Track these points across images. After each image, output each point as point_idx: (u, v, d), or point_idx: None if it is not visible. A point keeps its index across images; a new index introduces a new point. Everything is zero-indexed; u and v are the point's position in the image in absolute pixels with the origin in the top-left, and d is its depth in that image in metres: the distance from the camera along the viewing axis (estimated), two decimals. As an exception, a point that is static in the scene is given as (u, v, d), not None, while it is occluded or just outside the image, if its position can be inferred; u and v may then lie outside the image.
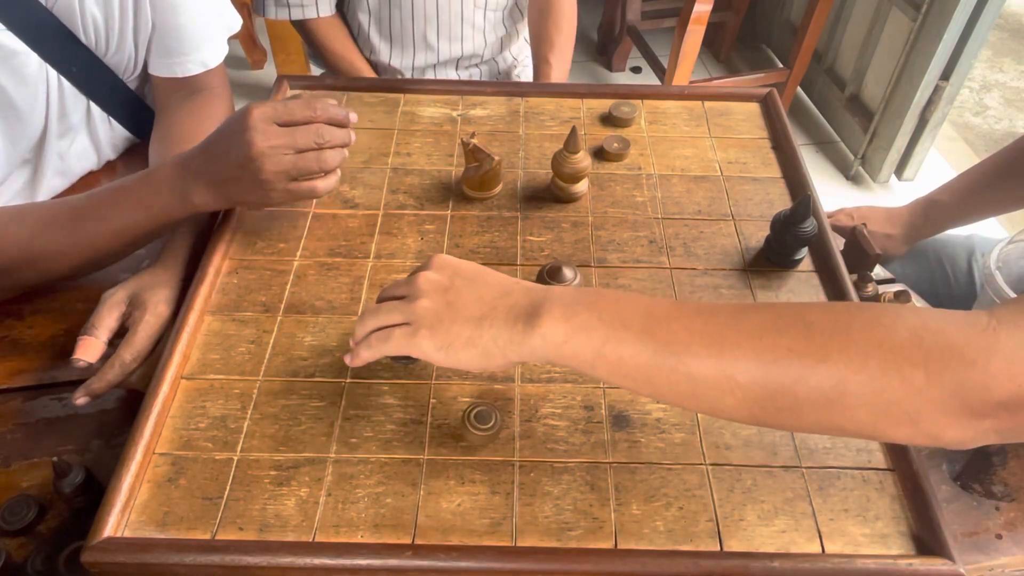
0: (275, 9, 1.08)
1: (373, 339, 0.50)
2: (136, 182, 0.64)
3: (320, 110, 0.62)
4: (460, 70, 1.20)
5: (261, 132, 0.60)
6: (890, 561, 0.49)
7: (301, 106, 0.62)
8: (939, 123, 1.94)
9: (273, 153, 0.60)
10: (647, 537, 0.51)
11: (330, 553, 0.49)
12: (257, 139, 0.60)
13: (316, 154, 0.62)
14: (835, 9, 2.08)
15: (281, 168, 0.61)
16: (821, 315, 0.42)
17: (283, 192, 0.62)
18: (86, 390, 0.60)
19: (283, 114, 0.61)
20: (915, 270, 0.96)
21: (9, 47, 0.70)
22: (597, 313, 0.45)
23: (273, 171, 0.60)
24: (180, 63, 0.83)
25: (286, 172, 0.61)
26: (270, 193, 0.62)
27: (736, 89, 0.90)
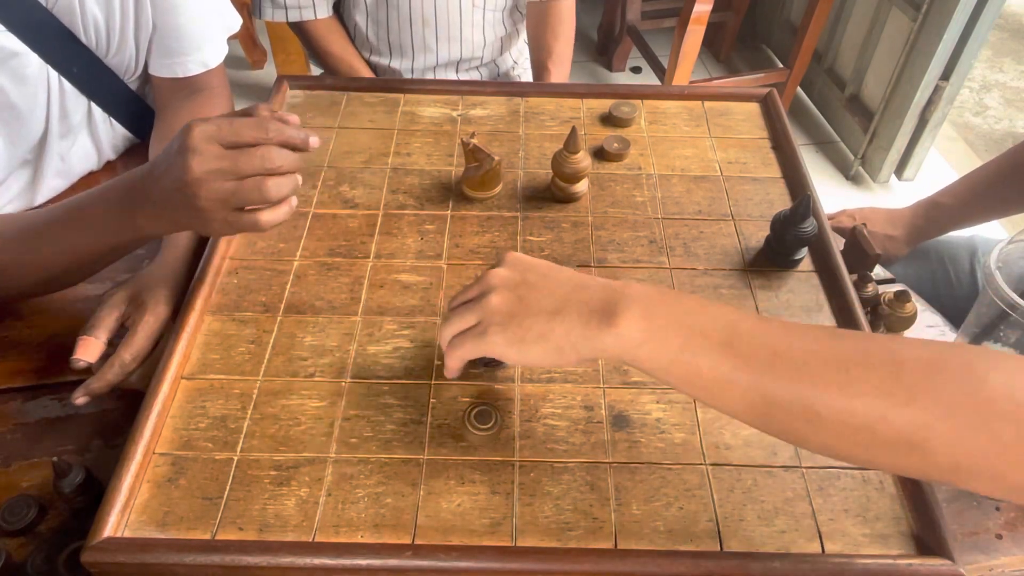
0: (272, 10, 1.07)
1: (451, 347, 0.49)
2: (88, 201, 0.60)
3: (273, 131, 0.55)
4: (460, 72, 1.20)
5: (200, 154, 0.53)
6: (890, 561, 0.49)
7: (250, 125, 0.55)
8: (939, 123, 1.94)
9: (210, 179, 0.53)
10: (647, 537, 0.51)
11: (330, 553, 0.49)
12: (194, 162, 0.53)
13: (260, 181, 0.54)
14: (835, 9, 2.08)
15: (219, 196, 0.54)
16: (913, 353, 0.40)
17: (222, 222, 0.56)
18: (85, 390, 0.60)
19: (228, 134, 0.54)
20: (916, 270, 0.96)
21: (9, 48, 0.70)
22: (677, 318, 0.43)
23: (210, 199, 0.54)
24: (180, 63, 0.83)
25: (224, 201, 0.54)
26: (209, 223, 0.55)
27: (736, 89, 0.90)
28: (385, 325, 0.63)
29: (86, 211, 0.60)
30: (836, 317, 0.65)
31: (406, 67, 1.15)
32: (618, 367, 0.60)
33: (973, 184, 0.94)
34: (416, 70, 1.16)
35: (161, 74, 0.83)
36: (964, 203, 0.93)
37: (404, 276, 0.67)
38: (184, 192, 0.54)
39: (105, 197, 0.59)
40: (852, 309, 0.63)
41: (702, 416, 0.58)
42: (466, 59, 1.17)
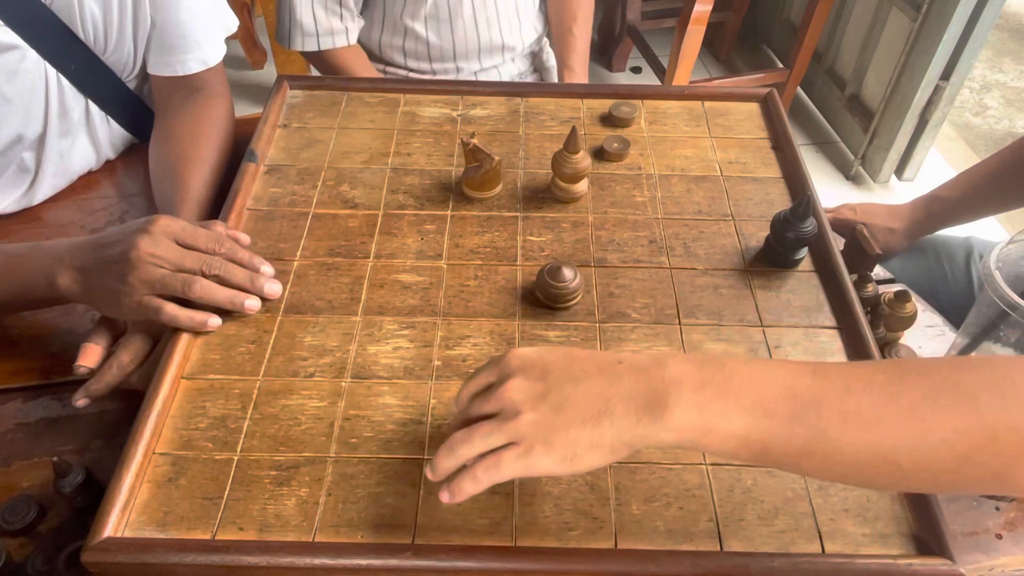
0: (302, 40, 1.05)
1: (479, 469, 0.43)
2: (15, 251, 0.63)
3: (226, 247, 0.61)
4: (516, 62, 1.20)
5: (152, 238, 0.58)
6: (890, 561, 0.49)
7: (209, 236, 0.61)
8: (939, 123, 1.94)
9: (150, 260, 0.58)
10: (647, 537, 0.51)
11: (330, 553, 0.49)
12: (144, 242, 0.58)
13: (188, 277, 0.59)
14: (835, 9, 2.08)
15: (148, 277, 0.58)
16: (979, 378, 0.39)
17: (135, 304, 0.58)
18: (85, 392, 0.60)
19: (187, 235, 0.60)
20: (914, 269, 0.97)
21: (4, 42, 0.69)
22: (734, 399, 0.41)
23: (139, 278, 0.58)
24: (180, 61, 0.83)
25: (150, 283, 0.58)
26: (121, 297, 0.58)
27: (736, 89, 0.90)
28: (385, 325, 0.63)
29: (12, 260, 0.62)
30: (836, 317, 0.65)
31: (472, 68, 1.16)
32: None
33: (974, 178, 0.94)
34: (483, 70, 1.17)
35: (160, 73, 0.83)
36: (965, 197, 0.93)
37: (404, 276, 0.67)
38: (121, 264, 0.58)
39: (35, 251, 0.62)
40: (852, 309, 0.63)
41: (702, 416, 0.58)
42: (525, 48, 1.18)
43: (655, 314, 0.65)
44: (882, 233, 0.96)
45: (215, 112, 0.84)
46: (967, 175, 0.95)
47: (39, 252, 0.62)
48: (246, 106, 2.18)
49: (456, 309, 0.65)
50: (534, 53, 1.25)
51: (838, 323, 0.64)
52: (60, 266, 0.60)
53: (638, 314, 0.65)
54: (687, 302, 0.66)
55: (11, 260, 0.63)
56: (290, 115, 0.83)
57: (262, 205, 0.73)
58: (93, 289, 0.60)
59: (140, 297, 0.58)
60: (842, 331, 0.64)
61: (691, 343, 0.63)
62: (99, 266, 0.59)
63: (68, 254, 0.61)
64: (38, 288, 0.61)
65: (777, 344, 0.63)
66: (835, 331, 0.64)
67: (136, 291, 0.58)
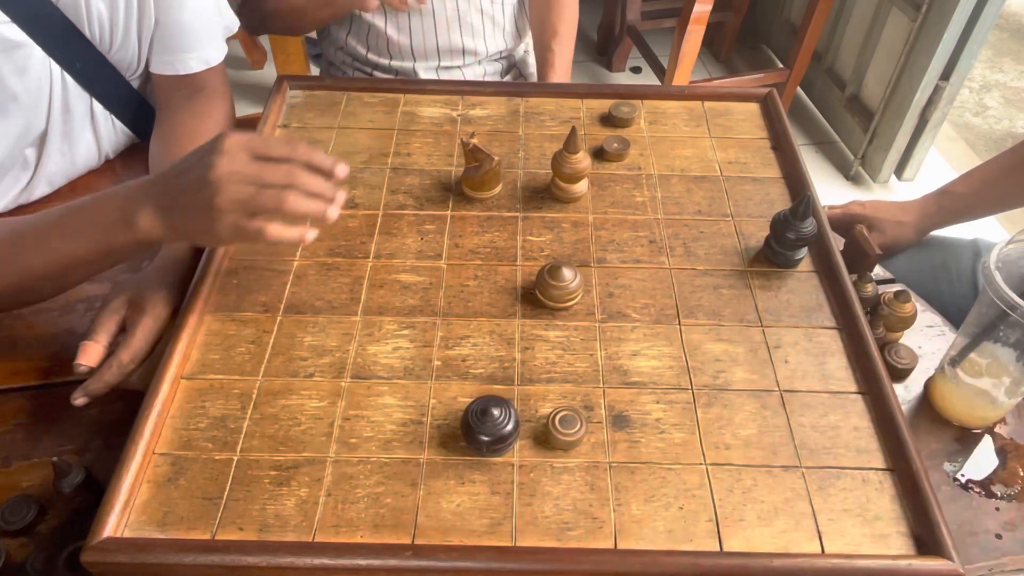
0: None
1: None
2: (85, 202, 0.59)
3: (302, 151, 0.57)
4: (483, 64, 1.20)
5: (229, 156, 0.55)
6: (890, 561, 0.49)
7: (281, 143, 0.57)
8: (939, 123, 1.94)
9: (234, 179, 0.54)
10: (647, 537, 0.51)
11: (330, 553, 0.49)
12: (222, 162, 0.54)
13: (279, 192, 0.55)
14: (835, 9, 2.08)
15: (237, 197, 0.54)
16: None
17: (230, 226, 0.55)
18: (84, 390, 0.60)
19: (259, 147, 0.56)
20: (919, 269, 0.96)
21: (12, 39, 0.69)
22: None
23: (228, 199, 0.54)
24: (182, 60, 0.83)
25: (241, 203, 0.54)
26: (216, 223, 0.55)
27: (736, 89, 0.90)
28: (385, 325, 0.63)
29: (83, 212, 0.58)
30: (836, 317, 0.65)
31: (431, 67, 1.15)
32: (618, 367, 0.61)
33: (986, 174, 0.94)
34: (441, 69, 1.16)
35: (162, 71, 0.83)
36: (975, 192, 0.93)
37: (404, 276, 0.67)
38: (204, 190, 0.54)
39: (106, 198, 0.58)
40: (852, 309, 0.63)
41: (702, 416, 0.58)
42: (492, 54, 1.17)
43: (655, 314, 0.65)
44: (891, 226, 0.96)
45: (216, 112, 0.84)
46: (980, 171, 0.95)
47: (107, 200, 0.58)
48: (246, 106, 2.18)
49: (456, 309, 0.65)
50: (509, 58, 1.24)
51: (838, 323, 0.64)
52: (135, 207, 0.56)
53: (638, 314, 0.65)
54: (687, 302, 0.66)
55: (79, 214, 0.58)
56: (290, 115, 0.83)
57: (262, 205, 0.73)
58: (179, 223, 0.57)
59: (233, 220, 0.55)
60: (842, 331, 0.64)
61: (691, 343, 0.63)
62: (180, 198, 0.56)
63: (141, 193, 0.57)
64: (117, 236, 0.57)
65: (777, 344, 0.63)
66: (835, 331, 0.64)
67: (227, 214, 0.54)
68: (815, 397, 0.59)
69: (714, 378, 0.60)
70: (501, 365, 0.61)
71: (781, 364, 0.61)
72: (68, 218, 0.59)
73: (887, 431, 0.56)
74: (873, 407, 0.58)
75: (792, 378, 0.60)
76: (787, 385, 0.60)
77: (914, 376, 0.68)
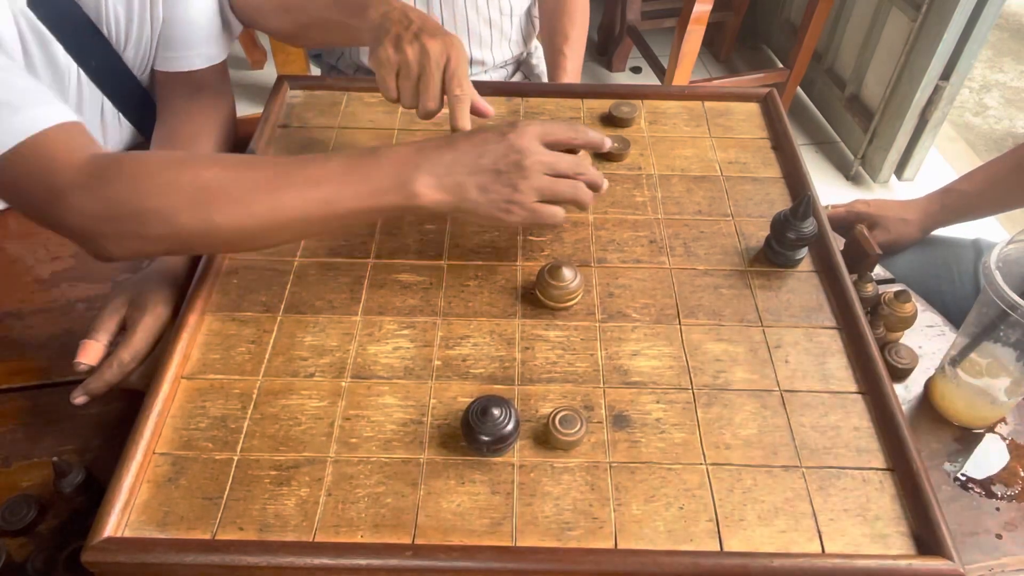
0: None
1: None
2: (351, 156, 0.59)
3: (580, 132, 0.62)
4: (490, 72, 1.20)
5: (534, 145, 0.59)
6: (890, 561, 0.49)
7: (564, 129, 0.62)
8: (939, 123, 1.94)
9: (539, 168, 0.58)
10: (647, 537, 0.51)
11: (330, 553, 0.49)
12: (532, 149, 0.58)
13: (574, 182, 0.60)
14: (835, 9, 2.08)
15: (540, 184, 0.58)
16: None
17: (528, 209, 0.59)
18: (84, 389, 0.60)
19: (548, 135, 0.60)
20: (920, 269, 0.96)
21: (47, 34, 0.70)
22: None
23: (531, 186, 0.58)
24: (186, 57, 0.83)
25: (539, 190, 0.58)
26: (511, 206, 0.58)
27: (736, 89, 0.90)
28: (385, 325, 0.63)
29: (352, 164, 0.58)
30: (836, 317, 0.65)
31: None
32: (618, 367, 0.61)
33: (990, 173, 0.94)
34: None
35: (165, 68, 0.83)
36: (980, 191, 0.94)
37: (404, 276, 0.67)
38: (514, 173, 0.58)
39: (375, 157, 0.58)
40: (852, 309, 0.63)
41: (702, 416, 0.58)
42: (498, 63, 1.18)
43: (655, 314, 0.65)
44: (895, 224, 0.96)
45: (217, 112, 0.84)
46: (984, 169, 0.95)
47: (387, 158, 0.58)
48: (246, 106, 2.18)
49: (456, 309, 0.65)
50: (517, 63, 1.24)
51: (838, 323, 0.64)
52: (413, 173, 0.57)
53: (638, 314, 0.65)
54: (687, 302, 0.66)
55: (358, 162, 0.58)
56: (290, 115, 0.83)
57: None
58: (470, 197, 0.58)
59: (531, 204, 0.58)
60: (842, 331, 0.64)
61: (691, 343, 0.63)
62: (482, 175, 0.58)
63: (420, 160, 0.58)
64: (388, 194, 0.57)
65: (777, 344, 0.63)
66: (835, 331, 0.64)
67: (528, 198, 0.58)
68: (815, 397, 0.59)
69: (714, 378, 0.60)
70: (501, 365, 0.61)
71: (781, 364, 0.61)
72: (337, 167, 0.58)
73: (887, 431, 0.56)
74: (873, 407, 0.58)
75: (792, 378, 0.60)
76: (787, 385, 0.60)
77: (914, 376, 0.68)
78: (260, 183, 0.57)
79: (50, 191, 0.55)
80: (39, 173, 0.56)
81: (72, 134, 0.58)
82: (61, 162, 0.56)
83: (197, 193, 0.55)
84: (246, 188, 0.56)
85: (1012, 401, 0.63)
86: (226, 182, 0.56)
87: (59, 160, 0.56)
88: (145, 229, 0.55)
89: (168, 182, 0.55)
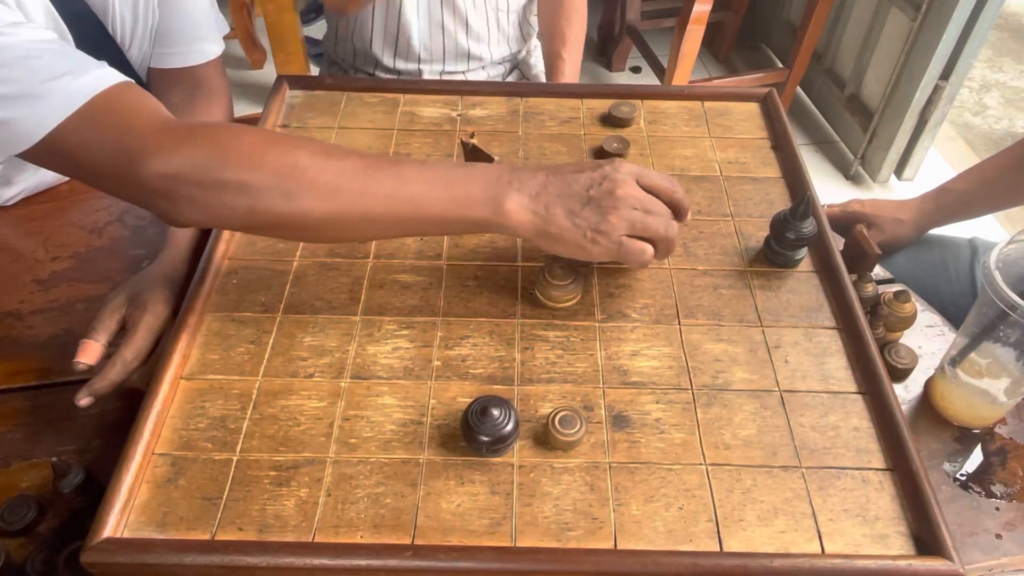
0: None
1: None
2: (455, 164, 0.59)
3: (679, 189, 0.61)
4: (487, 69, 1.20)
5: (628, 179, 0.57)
6: (890, 561, 0.49)
7: (663, 178, 0.60)
8: (939, 123, 1.94)
9: (631, 201, 0.57)
10: (647, 537, 0.51)
11: (330, 553, 0.49)
12: (626, 182, 0.57)
13: (663, 220, 0.58)
14: (835, 9, 2.08)
15: (631, 217, 0.56)
16: None
17: (614, 243, 0.56)
18: (88, 390, 0.60)
19: (645, 178, 0.59)
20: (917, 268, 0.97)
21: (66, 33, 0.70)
22: None
23: (622, 217, 0.56)
24: (182, 53, 0.83)
25: (630, 223, 0.56)
26: (598, 236, 0.56)
27: (736, 89, 0.90)
28: (385, 325, 0.63)
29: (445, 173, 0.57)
30: (836, 317, 0.65)
31: (435, 70, 1.16)
32: (618, 367, 0.60)
33: (985, 172, 0.94)
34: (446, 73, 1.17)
35: (162, 65, 0.83)
36: (975, 190, 0.94)
37: (404, 276, 0.67)
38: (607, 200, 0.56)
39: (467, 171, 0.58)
40: (852, 309, 0.63)
41: (702, 416, 0.58)
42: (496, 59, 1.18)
43: (655, 314, 0.65)
44: (890, 224, 0.96)
45: (215, 109, 0.84)
46: (979, 168, 0.95)
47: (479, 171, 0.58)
48: (246, 106, 2.18)
49: (456, 309, 0.65)
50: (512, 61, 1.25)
51: (838, 323, 0.64)
52: (510, 190, 0.56)
53: (638, 314, 0.65)
54: (687, 302, 0.66)
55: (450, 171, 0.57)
56: (290, 115, 0.83)
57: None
58: (557, 221, 0.56)
59: (618, 236, 0.56)
60: (842, 331, 0.64)
61: (691, 343, 0.63)
62: (572, 200, 0.56)
63: (518, 180, 0.57)
64: (477, 206, 0.56)
65: (777, 344, 0.63)
66: (835, 331, 0.64)
67: (617, 231, 0.56)
68: (815, 397, 0.59)
69: (714, 378, 0.60)
70: (501, 365, 0.61)
71: (781, 364, 0.61)
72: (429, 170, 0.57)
73: (887, 431, 0.56)
74: (873, 407, 0.58)
75: (792, 378, 0.60)
76: (787, 385, 0.60)
77: (914, 376, 0.68)
78: (348, 171, 0.55)
79: (128, 151, 0.54)
80: (114, 131, 0.54)
81: (140, 95, 0.57)
82: (138, 121, 0.55)
83: (285, 172, 0.54)
84: (334, 173, 0.55)
85: (1012, 401, 0.63)
86: (314, 166, 0.55)
87: (135, 119, 0.55)
88: (227, 199, 0.54)
89: (255, 156, 0.54)
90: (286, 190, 0.54)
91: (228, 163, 0.53)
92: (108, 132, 0.54)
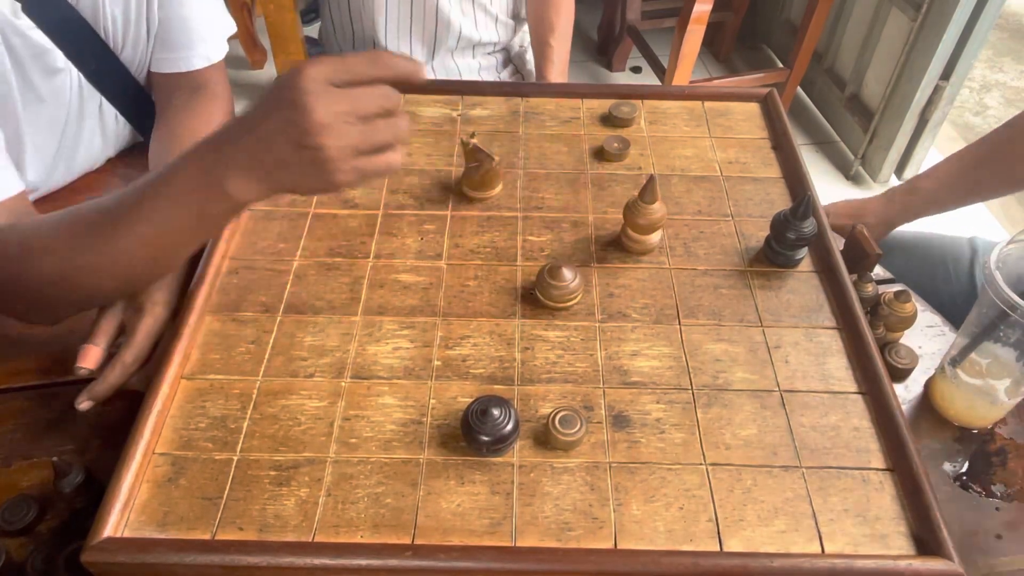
0: None
1: None
2: (165, 173, 0.53)
3: (390, 65, 0.50)
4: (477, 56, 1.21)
5: (318, 97, 0.47)
6: (890, 561, 0.49)
7: (364, 63, 0.49)
8: (939, 123, 1.94)
9: (336, 123, 0.47)
10: (647, 537, 0.51)
11: (330, 553, 0.49)
12: (316, 107, 0.47)
13: (388, 122, 0.50)
14: (835, 9, 2.08)
15: (348, 142, 0.48)
16: None
17: (352, 171, 0.49)
18: (89, 394, 0.60)
19: (341, 73, 0.48)
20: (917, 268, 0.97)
21: (42, 45, 0.71)
22: None
23: (339, 145, 0.48)
24: (184, 57, 0.83)
25: (354, 146, 0.49)
26: (335, 175, 0.49)
27: (736, 89, 0.90)
28: (385, 325, 0.63)
29: (165, 185, 0.53)
30: (836, 317, 0.65)
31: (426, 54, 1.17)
32: (618, 367, 0.61)
33: (952, 168, 0.95)
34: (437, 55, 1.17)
35: (164, 69, 0.83)
36: (943, 187, 0.94)
37: (404, 276, 0.67)
38: (307, 146, 0.47)
39: (184, 166, 0.53)
40: (852, 309, 0.63)
41: (702, 416, 0.58)
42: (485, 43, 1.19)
43: (655, 314, 0.65)
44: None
45: (216, 113, 0.84)
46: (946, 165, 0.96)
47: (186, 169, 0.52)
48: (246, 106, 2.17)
49: (456, 309, 0.65)
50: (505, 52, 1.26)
51: (838, 323, 0.64)
52: (221, 172, 0.51)
53: (638, 314, 0.65)
54: (687, 302, 0.66)
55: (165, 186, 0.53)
56: (290, 115, 0.83)
57: (261, 205, 0.73)
58: (285, 182, 0.51)
59: (352, 166, 0.49)
60: (842, 331, 0.64)
61: (691, 343, 0.63)
62: (278, 157, 0.49)
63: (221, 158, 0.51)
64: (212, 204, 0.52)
65: (777, 344, 0.63)
66: (835, 331, 0.64)
67: (343, 160, 0.49)
68: (815, 397, 0.59)
69: (714, 378, 0.60)
70: (501, 365, 0.61)
71: (781, 364, 0.61)
72: (151, 191, 0.53)
73: (887, 431, 0.56)
74: (873, 407, 0.58)
75: (792, 378, 0.60)
76: (787, 385, 0.60)
77: (914, 376, 0.68)
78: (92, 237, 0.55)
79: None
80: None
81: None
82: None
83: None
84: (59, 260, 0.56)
85: (1012, 401, 0.63)
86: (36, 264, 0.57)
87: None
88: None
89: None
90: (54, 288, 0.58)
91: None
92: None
